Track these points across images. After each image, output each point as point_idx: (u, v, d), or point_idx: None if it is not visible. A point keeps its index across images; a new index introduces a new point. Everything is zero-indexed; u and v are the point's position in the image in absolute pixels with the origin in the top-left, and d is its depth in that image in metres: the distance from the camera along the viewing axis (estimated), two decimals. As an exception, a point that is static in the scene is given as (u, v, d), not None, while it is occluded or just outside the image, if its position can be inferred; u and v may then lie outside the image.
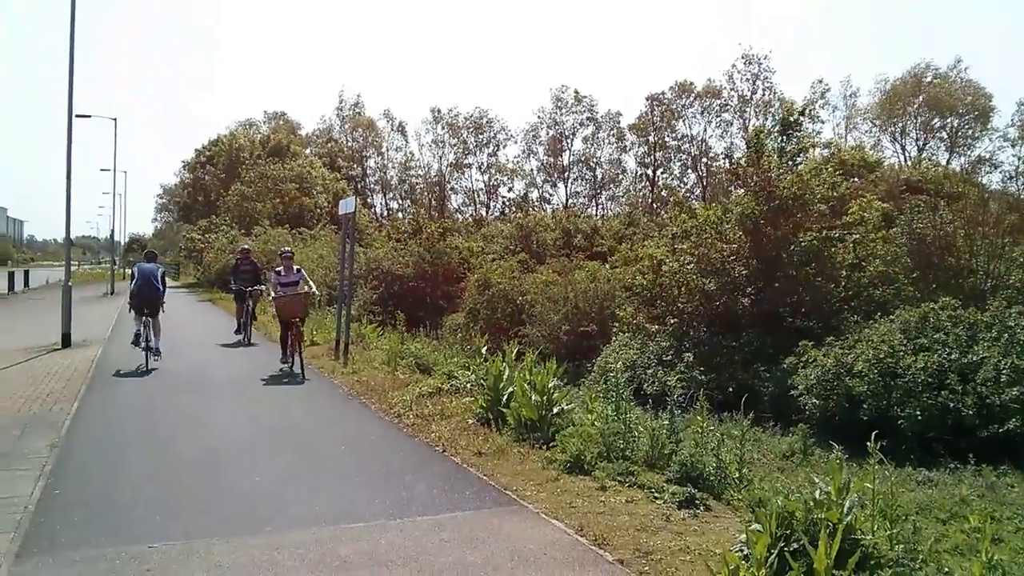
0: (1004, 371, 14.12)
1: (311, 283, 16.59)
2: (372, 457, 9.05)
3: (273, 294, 16.06)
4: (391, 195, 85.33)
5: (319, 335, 20.20)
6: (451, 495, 7.42)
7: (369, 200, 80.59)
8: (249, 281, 20.47)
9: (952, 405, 14.01)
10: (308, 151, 73.08)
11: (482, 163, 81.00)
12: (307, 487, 7.72)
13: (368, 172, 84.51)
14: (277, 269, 16.55)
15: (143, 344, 15.72)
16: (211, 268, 46.41)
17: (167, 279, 17.61)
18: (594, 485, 7.65)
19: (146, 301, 15.86)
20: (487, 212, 78.48)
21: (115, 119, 47.00)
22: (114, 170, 53.35)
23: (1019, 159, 57.48)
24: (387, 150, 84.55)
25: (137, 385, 14.01)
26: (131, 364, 15.99)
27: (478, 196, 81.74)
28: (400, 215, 76.89)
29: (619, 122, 76.87)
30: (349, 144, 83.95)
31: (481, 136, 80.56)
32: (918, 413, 14.13)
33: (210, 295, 41.73)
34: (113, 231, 70.61)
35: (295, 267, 16.60)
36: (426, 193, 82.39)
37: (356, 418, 11.29)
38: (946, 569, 5.92)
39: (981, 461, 12.74)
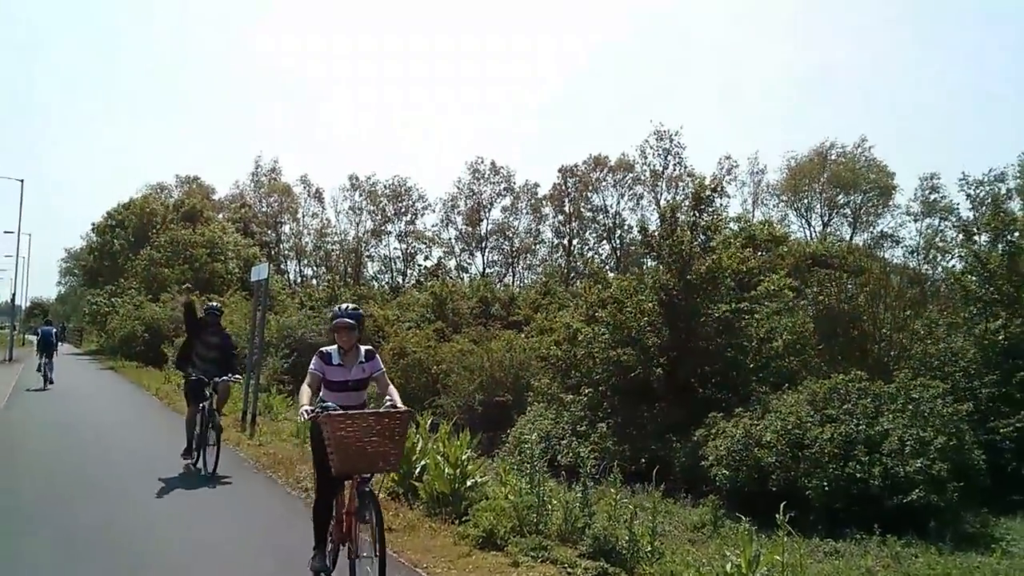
0: (908, 443, 14.51)
1: (393, 388, 7.10)
2: (277, 533, 8.72)
3: (314, 410, 6.45)
4: (306, 262, 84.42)
5: (225, 406, 19.51)
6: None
7: (283, 266, 79.51)
8: (217, 364, 12.29)
9: (858, 476, 14.31)
10: (221, 216, 71.97)
11: (400, 231, 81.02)
12: (209, 564, 7.39)
13: (282, 238, 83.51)
14: (325, 351, 7.13)
15: (42, 372, 25.35)
16: (115, 335, 44.91)
17: (60, 337, 28.81)
18: (506, 561, 7.50)
19: (47, 348, 26.06)
20: (404, 280, 78.27)
21: (22, 180, 45.51)
22: (18, 233, 51.53)
23: (920, 234, 60.27)
24: (303, 216, 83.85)
25: (33, 455, 13.36)
26: (29, 437, 15.75)
27: (395, 264, 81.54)
28: (314, 282, 76.12)
29: (536, 193, 78.04)
30: (263, 209, 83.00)
31: (400, 204, 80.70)
32: (825, 484, 14.39)
33: (112, 363, 40.35)
34: (14, 296, 67.97)
35: (363, 348, 7.24)
36: (342, 260, 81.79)
37: (261, 492, 10.92)
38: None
39: (886, 531, 13.00)
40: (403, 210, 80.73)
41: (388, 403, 6.72)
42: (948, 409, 15.41)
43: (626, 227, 72.07)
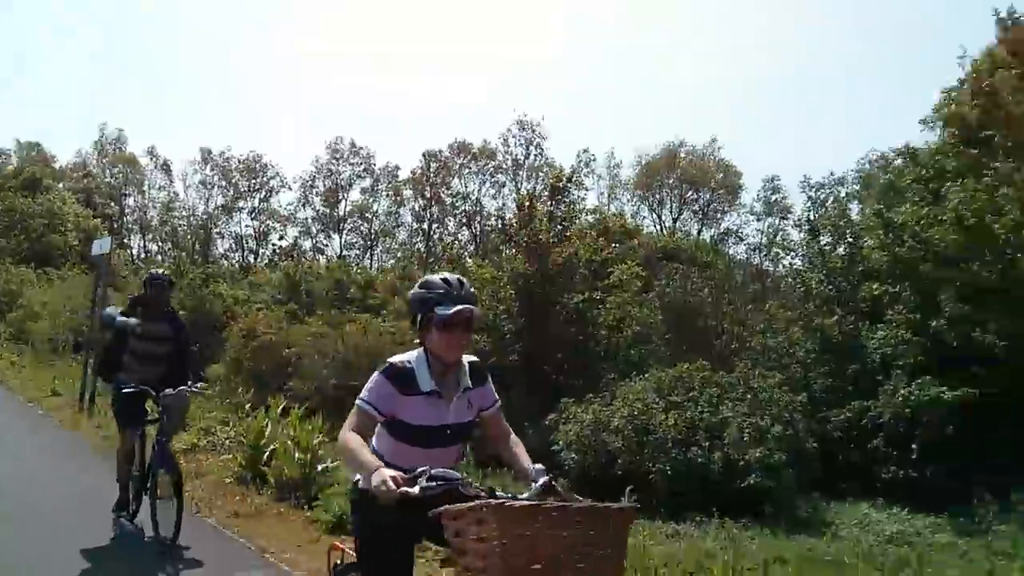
0: (747, 430, 15.22)
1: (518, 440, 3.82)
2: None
3: (426, 484, 3.05)
4: (151, 236, 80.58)
5: (61, 384, 18.45)
6: (205, 558, 6.96)
7: (127, 241, 75.62)
8: (159, 365, 7.81)
9: (700, 461, 14.92)
10: (61, 185, 68.01)
11: (253, 208, 78.53)
12: (46, 552, 6.99)
13: (127, 211, 79.54)
14: (402, 365, 3.58)
15: None
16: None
17: None
18: (357, 546, 7.44)
19: None
20: (256, 259, 76.04)
21: None
22: None
23: (762, 233, 63.26)
24: (149, 189, 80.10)
25: None
26: None
27: (247, 242, 79.01)
28: (159, 258, 72.97)
29: (397, 176, 77.29)
30: (107, 180, 78.87)
31: (254, 180, 78.21)
32: (668, 468, 14.93)
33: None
34: None
35: (467, 360, 3.70)
36: (190, 236, 78.59)
37: (101, 476, 10.40)
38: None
39: (725, 515, 13.59)
40: (257, 187, 78.29)
41: (540, 478, 3.46)
42: (784, 399, 16.25)
43: (486, 214, 72.51)
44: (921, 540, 13.70)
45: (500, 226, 25.30)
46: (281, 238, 78.37)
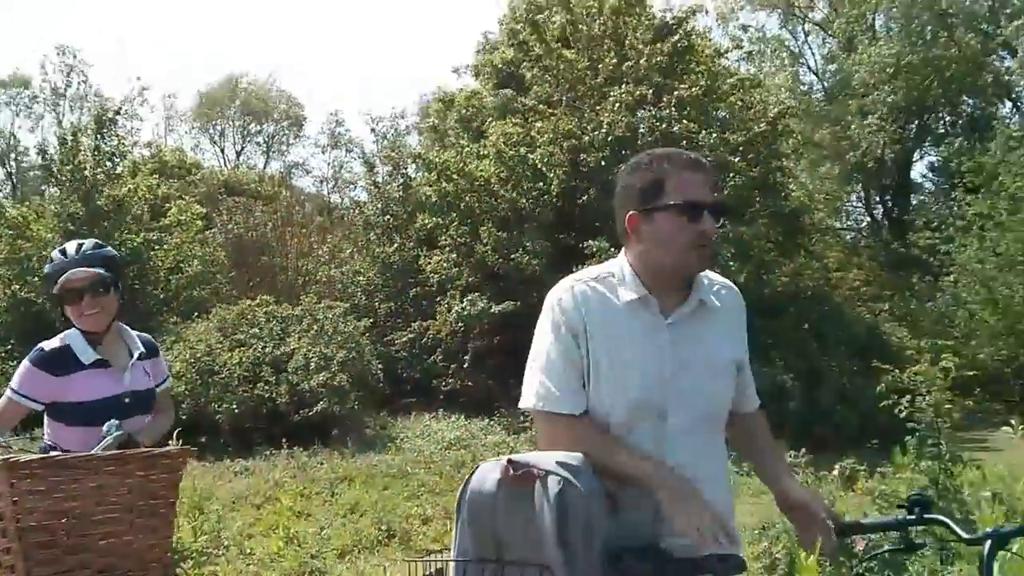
0: (313, 359, 15.53)
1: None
2: None
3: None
4: None
5: None
6: None
7: None
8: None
9: (267, 396, 15.01)
10: None
11: None
12: None
13: None
14: (52, 345, 3.51)
15: None
16: None
17: None
18: None
19: None
20: None
21: None
22: None
23: (329, 165, 63.97)
24: None
25: None
26: None
27: None
28: None
29: None
30: None
31: None
32: (235, 406, 14.84)
33: None
34: None
35: (137, 336, 3.69)
36: None
37: None
38: (248, 549, 6.33)
39: (294, 444, 13.87)
40: None
41: (109, 433, 3.17)
42: (349, 326, 16.79)
43: (22, 149, 64.83)
44: (476, 442, 15.06)
45: (41, 162, 22.77)
46: None
